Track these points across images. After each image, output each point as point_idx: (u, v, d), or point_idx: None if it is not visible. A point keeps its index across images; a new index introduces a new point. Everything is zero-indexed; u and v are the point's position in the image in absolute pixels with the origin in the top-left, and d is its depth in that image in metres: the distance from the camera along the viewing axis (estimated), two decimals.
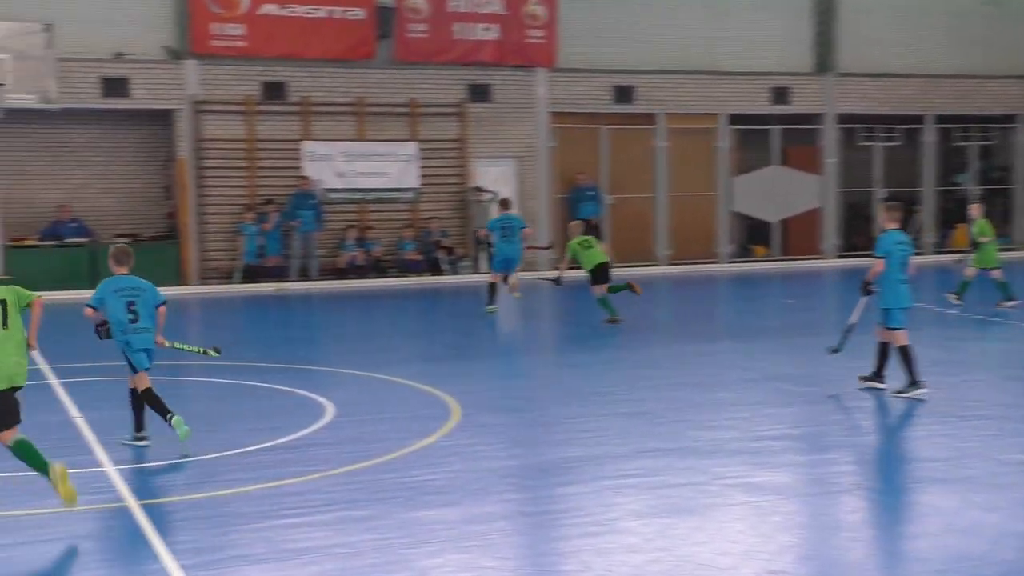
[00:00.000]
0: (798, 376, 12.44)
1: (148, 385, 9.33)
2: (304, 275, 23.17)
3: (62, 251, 22.10)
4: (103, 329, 9.41)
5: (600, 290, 16.75)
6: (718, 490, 7.97)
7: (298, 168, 23.48)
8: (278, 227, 22.92)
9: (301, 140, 23.59)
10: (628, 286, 16.86)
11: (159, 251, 22.69)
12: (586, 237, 17.35)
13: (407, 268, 23.76)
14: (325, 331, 17.72)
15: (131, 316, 9.37)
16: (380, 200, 24.22)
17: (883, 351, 11.24)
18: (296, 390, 11.64)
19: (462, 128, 24.77)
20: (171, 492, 7.87)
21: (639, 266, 25.81)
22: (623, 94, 26.02)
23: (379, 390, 11.85)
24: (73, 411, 10.57)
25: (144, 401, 9.29)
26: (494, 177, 25.10)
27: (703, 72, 26.68)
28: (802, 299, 19.55)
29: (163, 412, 9.17)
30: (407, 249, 23.84)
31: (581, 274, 17.26)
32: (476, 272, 24.34)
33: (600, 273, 16.76)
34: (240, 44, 23.15)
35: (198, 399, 11.93)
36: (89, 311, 9.47)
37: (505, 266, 18.35)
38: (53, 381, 12.18)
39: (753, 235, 27.87)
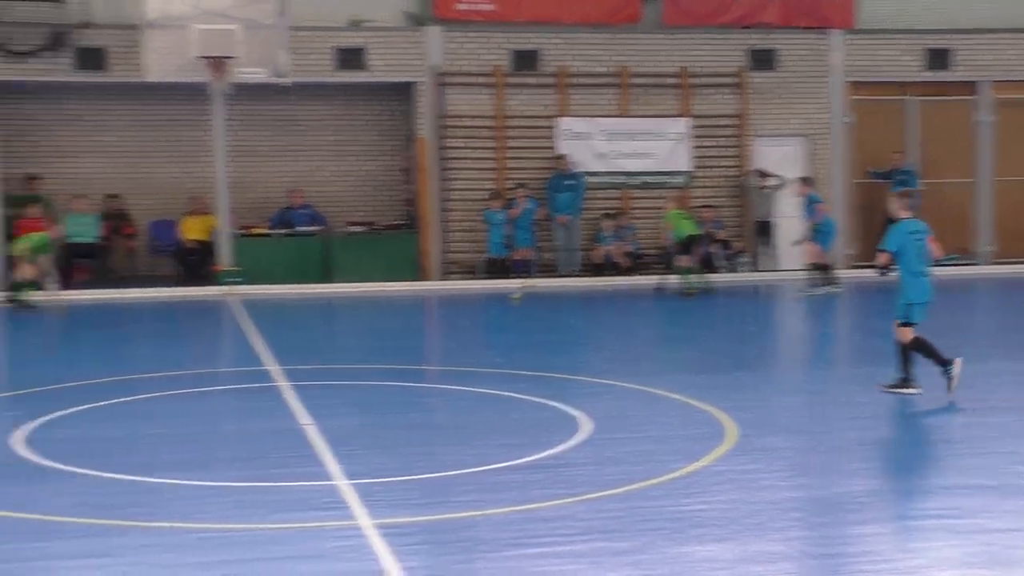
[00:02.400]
0: None
1: None
2: (559, 270, 23.48)
3: (293, 241, 23.10)
4: None
5: (686, 261, 21.15)
6: None
7: (551, 148, 23.79)
8: (529, 215, 23.28)
9: (556, 116, 23.89)
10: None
11: (396, 242, 23.47)
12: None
13: (675, 264, 23.68)
14: (580, 335, 17.88)
15: None
16: (645, 185, 24.26)
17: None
18: (547, 401, 11.78)
19: (742, 101, 24.54)
20: (408, 511, 8.10)
21: (954, 265, 24.97)
22: (937, 59, 25.19)
23: (642, 404, 11.87)
24: (304, 418, 11.02)
25: None
26: (778, 158, 24.77)
27: None
28: None
29: None
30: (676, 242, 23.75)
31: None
32: (756, 269, 24.07)
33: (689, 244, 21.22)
34: (488, 8, 23.64)
35: (439, 409, 12.27)
36: None
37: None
38: (283, 384, 12.74)
39: None
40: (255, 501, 8.38)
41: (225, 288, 21.79)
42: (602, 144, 24.00)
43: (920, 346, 11.98)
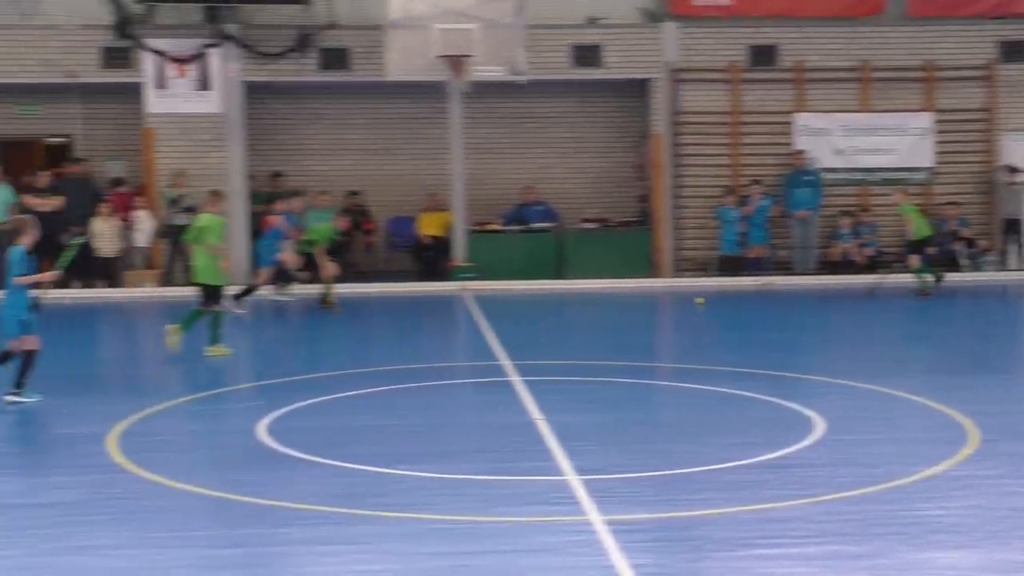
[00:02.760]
0: None
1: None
2: (795, 268, 23.15)
3: (527, 237, 23.33)
4: None
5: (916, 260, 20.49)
6: None
7: (787, 144, 23.45)
8: (763, 212, 23.00)
9: (793, 112, 23.53)
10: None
11: (629, 238, 23.47)
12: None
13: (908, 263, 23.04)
14: (814, 334, 17.58)
15: None
16: (886, 182, 23.67)
17: None
18: (780, 400, 11.62)
19: (990, 95, 23.70)
20: (637, 508, 8.10)
21: None
22: None
23: (878, 405, 11.60)
24: (535, 413, 11.13)
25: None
26: None
27: None
28: None
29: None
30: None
31: None
32: (1003, 268, 23.25)
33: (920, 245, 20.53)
34: (725, 3, 23.42)
35: (669, 406, 12.23)
36: None
37: None
38: (515, 378, 12.90)
39: None
40: (487, 494, 8.50)
41: (460, 283, 22.16)
42: (841, 140, 23.54)
43: None
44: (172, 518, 7.98)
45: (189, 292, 15.87)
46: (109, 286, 22.34)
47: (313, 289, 20.19)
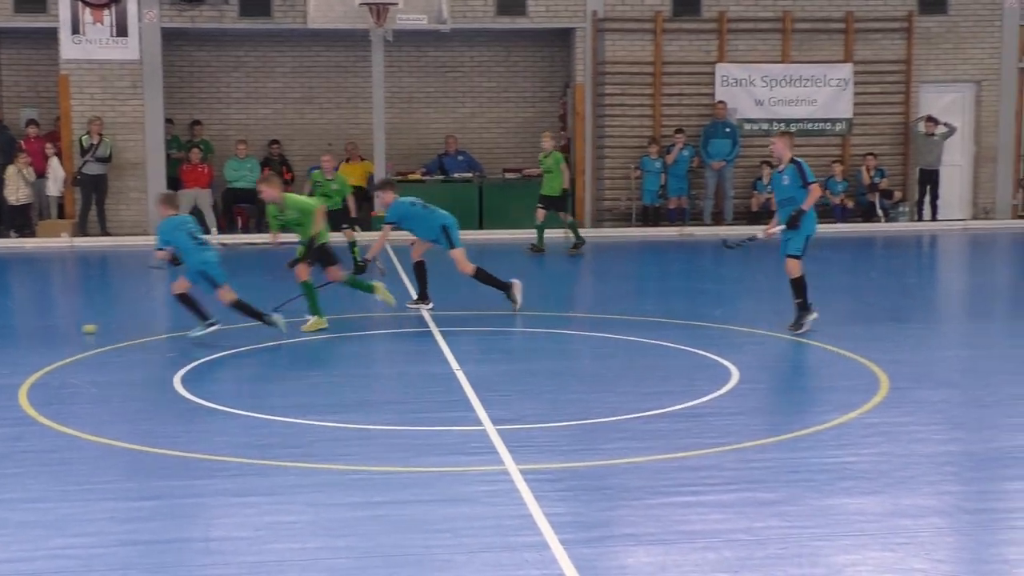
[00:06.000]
0: None
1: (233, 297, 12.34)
2: (715, 218, 23.27)
3: (448, 187, 23.24)
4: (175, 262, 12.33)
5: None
6: None
7: (709, 95, 23.51)
8: (684, 162, 23.08)
9: (715, 63, 23.59)
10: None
11: None
12: None
13: (834, 214, 23.28)
14: (732, 283, 17.72)
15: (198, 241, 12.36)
16: (805, 132, 23.83)
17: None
18: (696, 350, 11.72)
19: (908, 46, 23.89)
20: (552, 458, 8.15)
21: None
22: None
23: (792, 354, 11.75)
24: (453, 363, 11.14)
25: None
26: (945, 105, 24.11)
27: None
28: None
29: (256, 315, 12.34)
30: (835, 191, 23.35)
31: None
32: (918, 219, 23.56)
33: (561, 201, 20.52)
34: None
35: (587, 356, 12.29)
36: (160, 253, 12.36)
37: None
38: (434, 329, 12.89)
39: None
40: (404, 444, 8.52)
41: (380, 233, 22.02)
42: (761, 91, 23.63)
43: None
44: (84, 471, 7.91)
45: (104, 242, 15.65)
46: (21, 236, 21.89)
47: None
